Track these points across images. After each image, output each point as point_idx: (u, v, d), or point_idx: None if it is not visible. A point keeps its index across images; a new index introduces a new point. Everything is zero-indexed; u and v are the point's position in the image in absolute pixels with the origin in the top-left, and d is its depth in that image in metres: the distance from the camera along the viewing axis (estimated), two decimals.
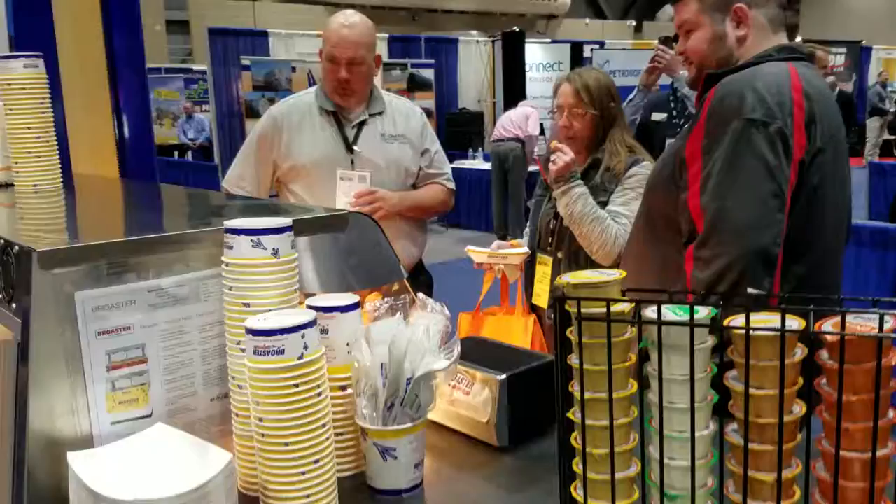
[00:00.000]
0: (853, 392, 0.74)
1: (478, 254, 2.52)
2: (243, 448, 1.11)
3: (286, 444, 1.01)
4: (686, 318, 0.74)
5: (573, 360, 0.80)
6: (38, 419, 1.02)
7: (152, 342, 1.08)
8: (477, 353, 1.36)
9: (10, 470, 1.05)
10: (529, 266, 2.59)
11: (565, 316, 0.78)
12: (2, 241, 1.11)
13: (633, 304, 0.76)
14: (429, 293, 2.75)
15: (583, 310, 0.76)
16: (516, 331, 2.43)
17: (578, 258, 2.39)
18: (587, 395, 0.78)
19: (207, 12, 14.50)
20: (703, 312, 0.75)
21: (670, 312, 0.75)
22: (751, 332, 0.72)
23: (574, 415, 0.81)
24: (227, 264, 1.08)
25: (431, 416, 1.25)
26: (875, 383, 0.73)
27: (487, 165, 9.53)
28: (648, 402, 0.79)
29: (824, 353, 0.76)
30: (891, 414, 0.75)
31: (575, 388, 0.80)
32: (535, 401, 1.27)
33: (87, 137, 2.23)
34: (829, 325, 0.75)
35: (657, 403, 0.77)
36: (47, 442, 1.03)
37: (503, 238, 8.55)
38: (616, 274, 0.79)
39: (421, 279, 2.64)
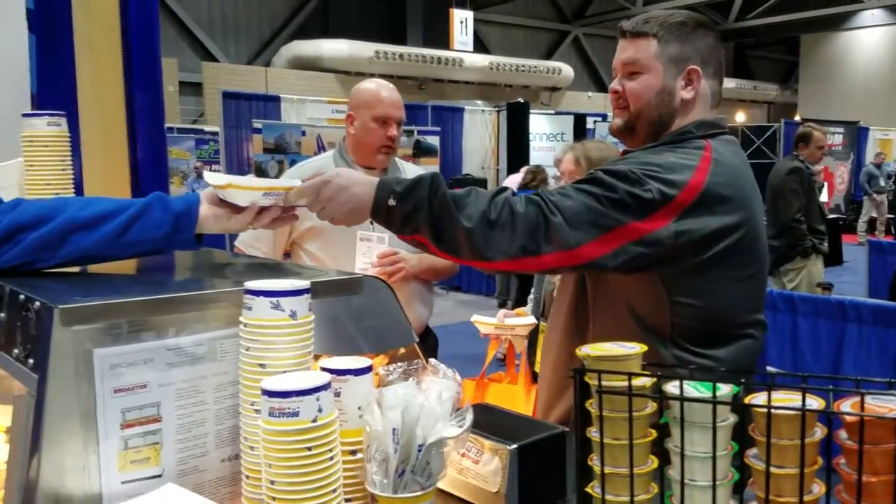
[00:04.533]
0: (872, 473, 0.74)
1: (485, 325, 2.52)
2: None
3: None
4: (708, 394, 0.74)
5: (592, 432, 0.80)
6: (49, 476, 1.01)
7: (167, 401, 1.08)
8: (485, 421, 1.36)
9: None
10: (533, 334, 2.59)
11: (585, 388, 0.79)
12: (22, 297, 1.12)
13: (655, 379, 0.77)
14: (434, 355, 2.75)
15: (603, 383, 0.77)
16: (519, 399, 2.42)
17: None
18: (607, 470, 0.78)
19: (221, 76, 14.84)
20: (724, 389, 0.76)
21: (692, 388, 0.76)
22: (772, 410, 0.73)
23: (593, 489, 0.81)
24: (245, 325, 1.09)
25: (439, 483, 1.24)
26: (894, 464, 0.73)
27: None
28: (669, 478, 0.79)
29: (843, 434, 0.77)
30: None
31: (594, 462, 0.80)
32: (545, 472, 1.26)
33: (103, 194, 2.25)
34: (847, 406, 0.75)
35: (678, 480, 0.77)
36: (56, 499, 1.02)
37: (503, 304, 8.53)
38: (637, 348, 0.80)
39: (428, 342, 2.65)
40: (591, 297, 1.58)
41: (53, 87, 2.31)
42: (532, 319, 2.54)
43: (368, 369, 1.21)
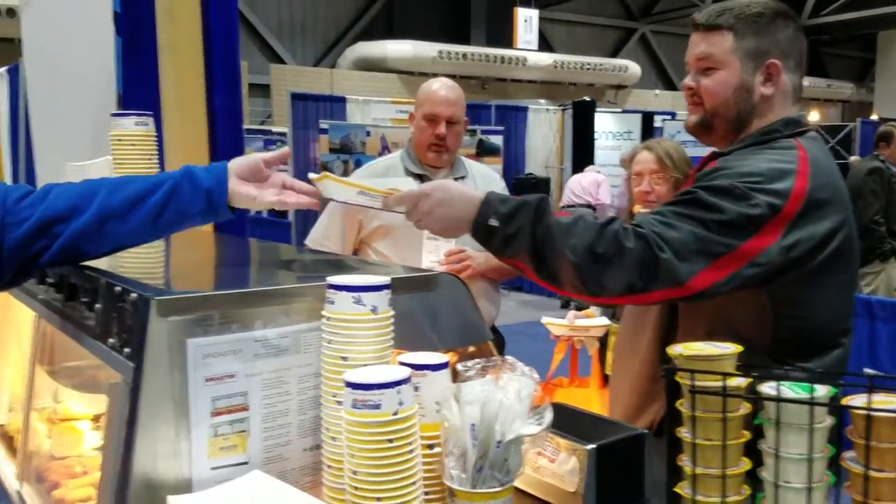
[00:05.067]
0: None
1: (557, 326, 2.49)
2: (334, 501, 1.12)
3: (378, 500, 1.02)
4: (805, 395, 0.73)
5: (683, 433, 0.79)
6: (142, 460, 1.05)
7: (254, 391, 1.11)
8: (562, 420, 1.35)
9: None
10: (603, 336, 2.56)
11: (676, 387, 0.78)
12: (119, 289, 1.17)
13: (750, 380, 0.76)
14: (500, 355, 2.75)
15: (696, 383, 0.76)
16: (593, 404, 2.38)
17: None
18: (698, 471, 0.77)
19: (288, 78, 15.13)
20: (822, 391, 0.74)
21: (788, 390, 0.75)
22: (872, 413, 0.71)
23: (682, 490, 0.80)
24: (327, 318, 1.12)
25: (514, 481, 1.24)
26: None
27: None
28: (762, 480, 0.77)
29: None
30: None
31: (684, 462, 0.79)
32: (623, 474, 1.25)
33: None
34: None
35: (771, 482, 0.75)
36: (149, 484, 1.06)
37: (565, 304, 8.46)
38: (731, 348, 0.78)
39: (495, 341, 2.65)
40: (682, 311, 1.52)
41: (138, 88, 2.40)
42: (605, 321, 2.50)
43: (446, 365, 1.22)
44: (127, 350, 1.10)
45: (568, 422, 1.35)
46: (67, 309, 1.40)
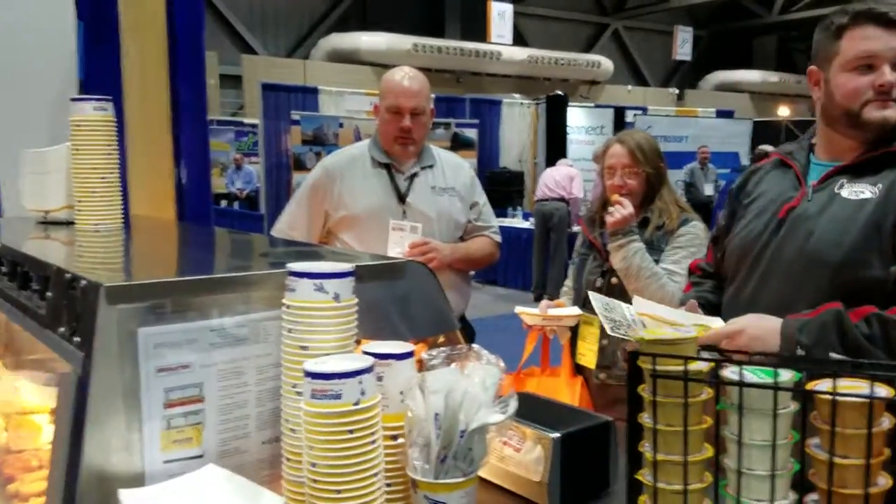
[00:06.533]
0: None
1: (530, 316, 2.47)
2: (293, 494, 1.09)
3: (338, 492, 0.99)
4: (768, 380, 0.71)
5: (645, 418, 0.77)
6: (93, 454, 1.02)
7: (210, 381, 1.08)
8: (526, 409, 1.33)
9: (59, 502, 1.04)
10: (574, 326, 2.55)
11: (637, 372, 0.76)
12: (69, 276, 1.13)
13: (712, 364, 0.74)
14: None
15: (658, 367, 0.74)
16: (563, 392, 2.37)
17: None
18: (659, 457, 0.76)
19: (260, 68, 14.94)
20: (786, 376, 0.73)
21: (751, 374, 0.73)
22: (837, 398, 0.69)
23: (644, 476, 0.78)
24: (287, 306, 1.08)
25: (479, 471, 1.22)
26: None
27: (526, 224, 9.57)
28: (724, 467, 0.76)
29: None
30: None
31: (646, 449, 0.77)
32: (589, 463, 1.24)
33: (146, 181, 2.28)
34: None
35: (734, 469, 0.74)
36: (99, 477, 1.02)
37: (539, 297, 8.48)
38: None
39: (463, 331, 2.63)
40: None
41: (100, 73, 2.34)
42: (577, 310, 2.49)
43: (411, 354, 1.20)
44: (77, 339, 1.06)
45: (534, 411, 1.34)
46: (21, 297, 1.35)
